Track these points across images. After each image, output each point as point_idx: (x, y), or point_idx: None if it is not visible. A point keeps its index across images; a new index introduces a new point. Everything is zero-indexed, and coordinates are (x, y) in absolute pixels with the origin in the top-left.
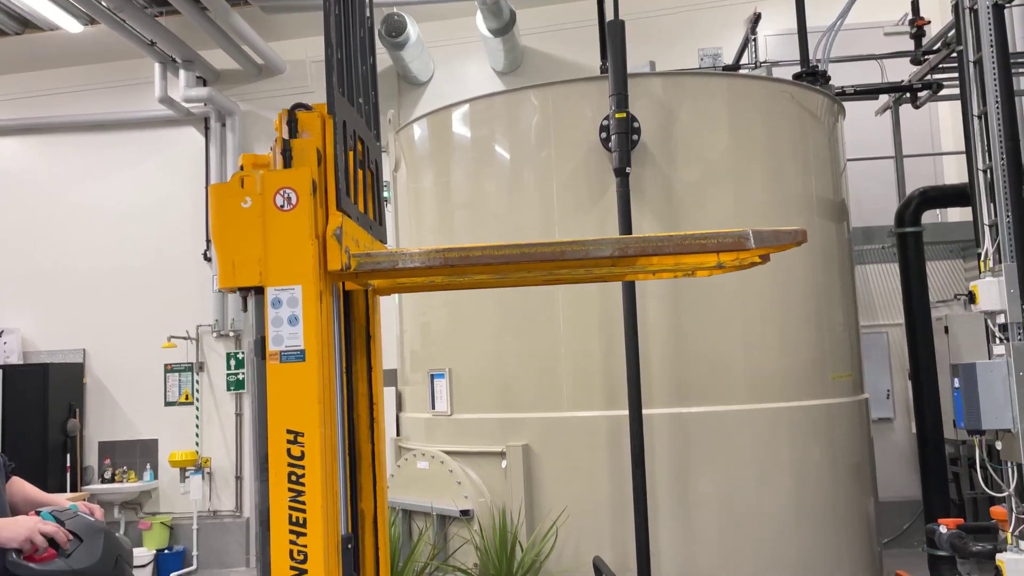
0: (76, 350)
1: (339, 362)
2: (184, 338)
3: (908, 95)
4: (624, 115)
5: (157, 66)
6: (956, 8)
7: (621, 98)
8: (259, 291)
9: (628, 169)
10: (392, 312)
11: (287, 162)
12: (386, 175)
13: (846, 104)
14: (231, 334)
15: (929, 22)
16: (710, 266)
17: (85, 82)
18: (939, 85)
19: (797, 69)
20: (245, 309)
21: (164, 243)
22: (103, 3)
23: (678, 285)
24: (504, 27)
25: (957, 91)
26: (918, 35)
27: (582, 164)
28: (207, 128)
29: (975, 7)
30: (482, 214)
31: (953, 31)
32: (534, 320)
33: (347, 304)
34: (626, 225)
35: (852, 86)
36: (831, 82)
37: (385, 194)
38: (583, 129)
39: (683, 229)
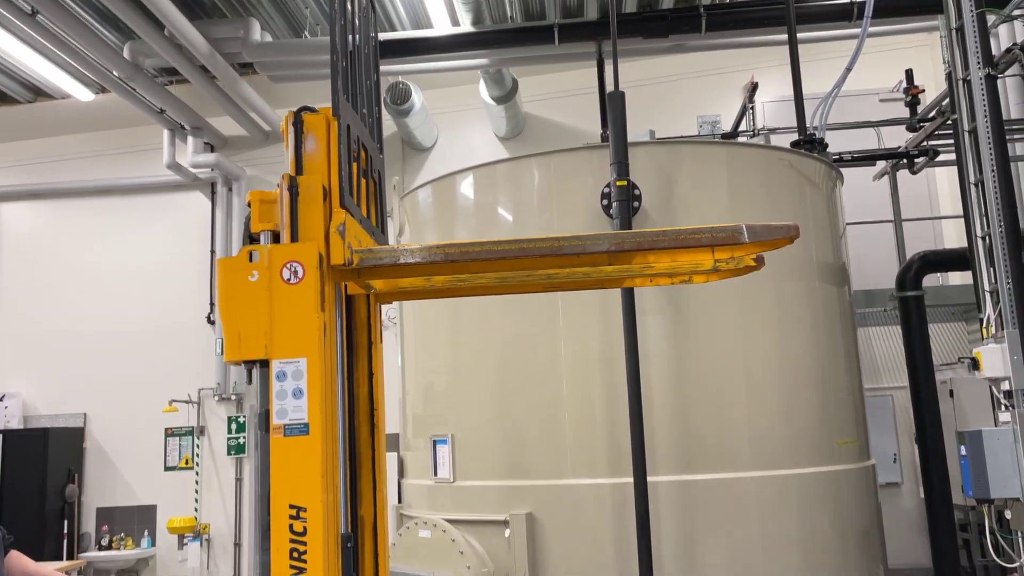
0: (77, 414)
1: (340, 366)
2: (186, 402)
3: (905, 161)
4: (625, 183)
5: (166, 133)
6: (949, 78)
7: (622, 166)
8: (264, 364)
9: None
10: (394, 375)
11: (293, 198)
12: (391, 240)
13: (845, 169)
14: (232, 397)
15: (923, 90)
16: (706, 269)
17: (94, 148)
18: (935, 152)
19: (795, 135)
20: (250, 382)
21: (168, 306)
22: (114, 73)
23: (682, 347)
24: (506, 95)
25: (954, 156)
26: (913, 103)
27: (584, 230)
28: (213, 193)
29: (968, 78)
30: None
31: (947, 100)
32: (537, 384)
33: (349, 309)
34: (628, 292)
35: (849, 152)
36: (828, 149)
37: None
38: (585, 196)
39: (685, 292)
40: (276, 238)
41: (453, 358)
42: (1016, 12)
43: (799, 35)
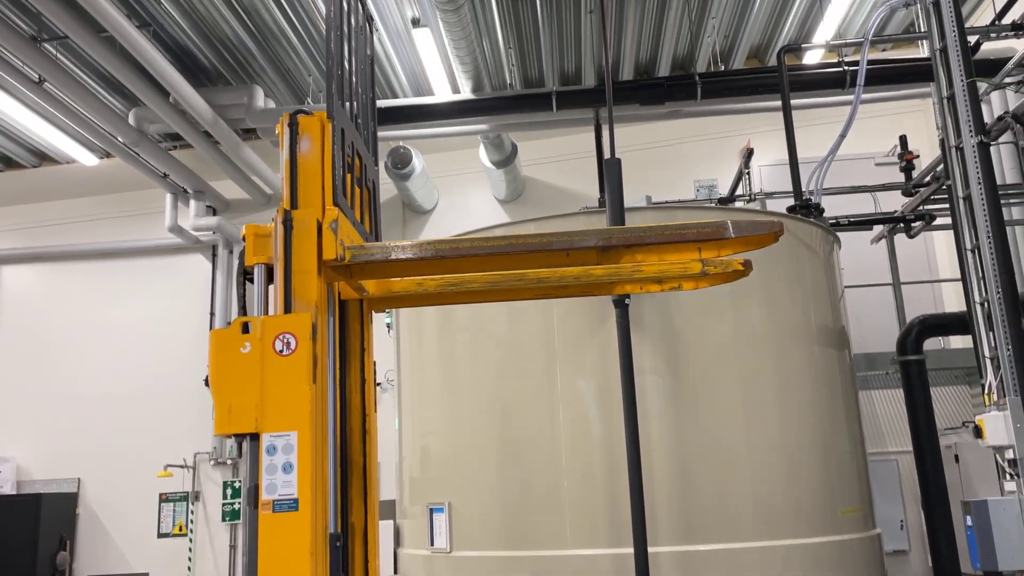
0: (71, 479)
1: (333, 372)
2: (181, 466)
3: (902, 225)
4: None
5: (168, 196)
6: (943, 145)
7: None
8: (255, 437)
9: (627, 300)
10: (391, 438)
11: (288, 232)
12: None
13: (842, 233)
14: (228, 462)
15: (918, 156)
16: (694, 273)
17: (97, 212)
18: (931, 216)
19: (791, 200)
20: (240, 455)
21: (166, 369)
22: (119, 138)
23: (681, 412)
24: (506, 159)
25: (950, 220)
26: (908, 168)
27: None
28: (214, 255)
29: (961, 146)
30: (483, 339)
31: (942, 165)
32: (535, 450)
33: (343, 316)
34: (627, 355)
35: (846, 217)
36: (825, 213)
37: (387, 321)
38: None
39: (684, 359)
40: (270, 272)
41: (450, 421)
42: (1007, 80)
43: (794, 101)
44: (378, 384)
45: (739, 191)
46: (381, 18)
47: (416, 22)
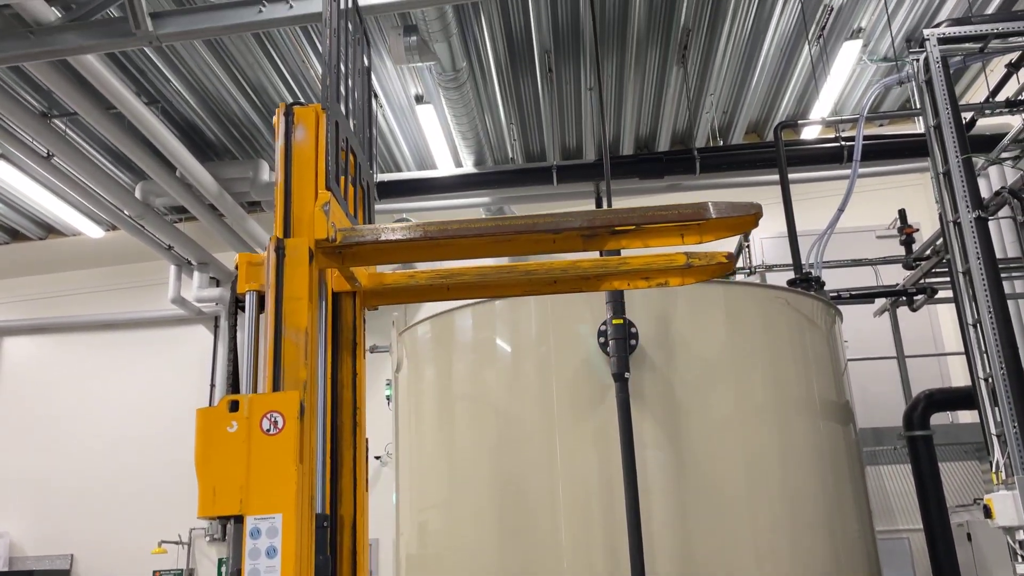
0: (64, 555)
1: (323, 367)
2: (176, 543)
3: (904, 298)
4: (621, 321)
5: (172, 268)
6: (942, 220)
7: (618, 305)
8: (239, 519)
9: (627, 374)
10: (389, 514)
11: (280, 260)
12: (387, 375)
13: (844, 306)
14: (225, 539)
15: (918, 229)
16: (679, 266)
17: (100, 283)
18: (933, 290)
19: (792, 272)
20: (224, 538)
21: (163, 442)
22: (125, 211)
23: (684, 485)
24: None
25: (952, 293)
26: (908, 242)
27: (582, 366)
28: (216, 326)
29: (958, 221)
30: (482, 408)
31: (942, 239)
32: (535, 526)
33: (336, 313)
34: (627, 429)
35: (847, 290)
36: (826, 286)
37: (387, 393)
38: (582, 333)
39: (685, 433)
40: (261, 299)
41: (449, 496)
42: (1004, 155)
43: (792, 175)
44: (377, 457)
45: (740, 263)
46: (386, 95)
47: (420, 99)
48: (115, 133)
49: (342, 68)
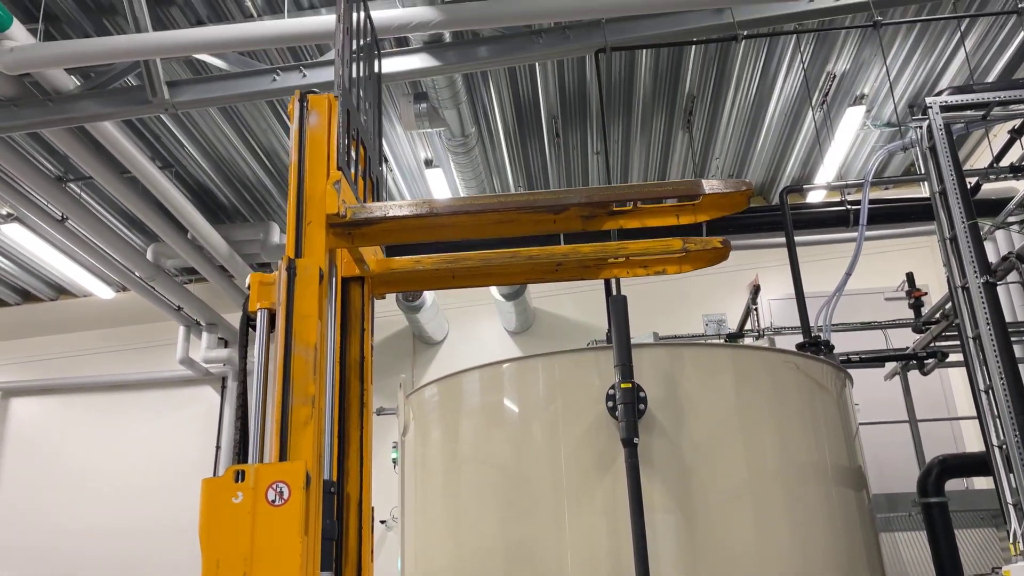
0: None
1: (332, 349)
2: None
3: (915, 362)
4: (630, 385)
5: (181, 329)
6: (950, 284)
7: (626, 369)
8: None
9: (636, 439)
10: None
11: (291, 279)
12: (394, 437)
13: (854, 369)
14: None
15: (926, 293)
16: (676, 250)
17: (109, 344)
18: (944, 354)
19: (800, 335)
20: None
21: (169, 504)
22: (136, 273)
23: (694, 551)
24: (516, 292)
25: (963, 357)
26: (916, 305)
27: (591, 430)
28: (224, 387)
29: (966, 286)
30: (489, 472)
31: (951, 303)
32: None
33: (345, 299)
34: (636, 495)
35: (857, 353)
36: (835, 349)
37: (393, 456)
38: (591, 397)
39: (695, 498)
40: (272, 317)
41: (455, 561)
42: (1010, 220)
43: (799, 238)
44: (382, 522)
45: (748, 326)
46: (396, 159)
47: (429, 162)
48: (129, 196)
49: (352, 73)
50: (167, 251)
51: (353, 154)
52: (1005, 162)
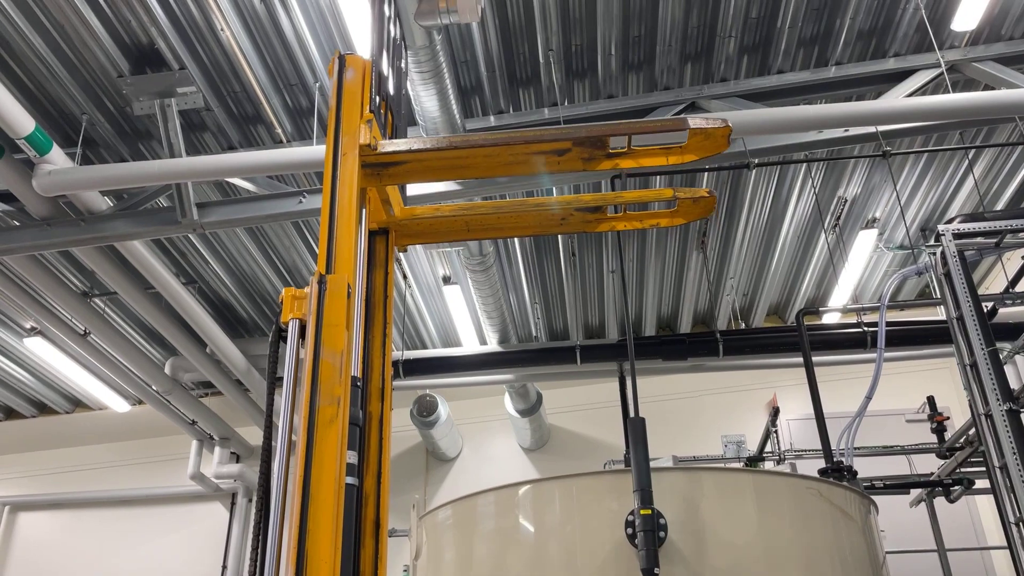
0: None
1: (360, 293)
2: None
3: (940, 488)
4: (649, 511)
5: (194, 443)
6: (972, 411)
7: (646, 494)
8: None
9: (657, 570)
10: None
11: (321, 291)
12: (405, 560)
13: (879, 495)
14: None
15: (948, 417)
16: (667, 199)
17: (120, 457)
18: (970, 481)
19: (821, 457)
20: None
21: None
22: (153, 387)
23: None
24: (531, 408)
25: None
26: (939, 430)
27: (610, 558)
28: (233, 504)
29: (990, 413)
30: None
31: (974, 428)
32: None
33: (370, 252)
34: None
35: (881, 479)
36: (859, 475)
37: (404, 566)
38: (609, 523)
39: None
40: (303, 328)
41: None
42: None
43: (816, 359)
44: None
45: (768, 447)
46: (414, 276)
47: (447, 279)
48: (151, 311)
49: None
50: (185, 365)
51: (382, 118)
52: (1020, 287)
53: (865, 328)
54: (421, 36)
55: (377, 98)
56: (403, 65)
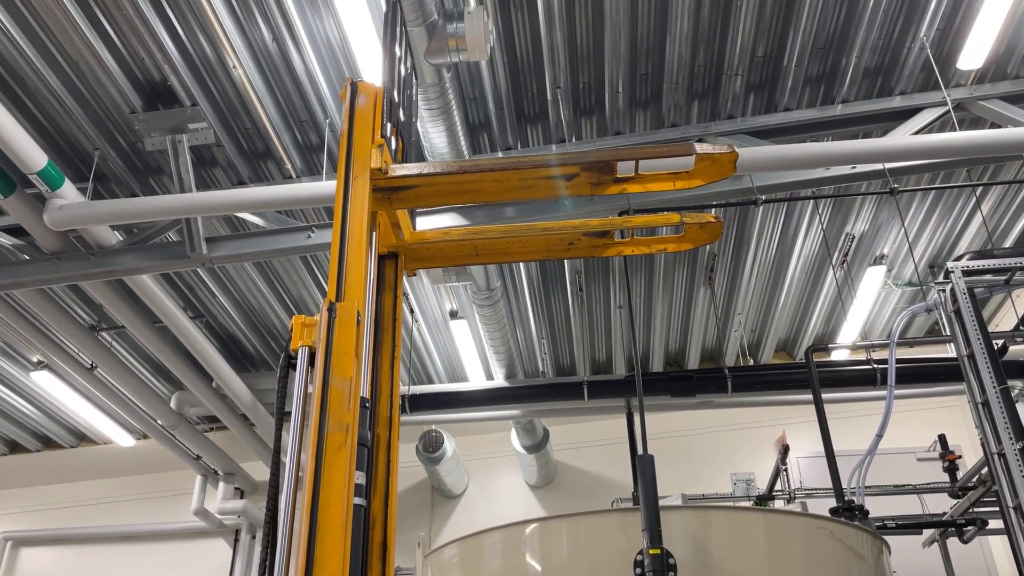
0: None
1: (369, 317)
2: None
3: (953, 529)
4: (659, 551)
5: (198, 478)
6: (985, 449)
7: (654, 533)
8: None
9: None
10: None
11: (331, 319)
12: None
13: (891, 536)
14: None
15: (960, 456)
16: (674, 225)
17: (124, 492)
18: (983, 521)
19: (832, 496)
20: None
21: None
22: (159, 421)
23: None
24: (537, 444)
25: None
26: (951, 469)
27: None
28: (236, 540)
29: (1003, 452)
30: None
31: (987, 467)
32: None
33: (379, 277)
34: None
35: (892, 518)
36: (870, 514)
37: None
38: (617, 562)
39: None
40: (312, 355)
41: None
42: None
43: (826, 395)
44: None
45: (777, 485)
46: (421, 310)
47: (454, 314)
48: (158, 345)
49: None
50: (191, 399)
51: (393, 144)
52: None
53: (875, 365)
54: (431, 74)
55: (388, 125)
56: (413, 94)
